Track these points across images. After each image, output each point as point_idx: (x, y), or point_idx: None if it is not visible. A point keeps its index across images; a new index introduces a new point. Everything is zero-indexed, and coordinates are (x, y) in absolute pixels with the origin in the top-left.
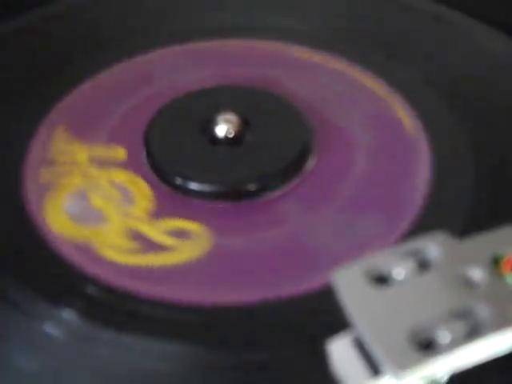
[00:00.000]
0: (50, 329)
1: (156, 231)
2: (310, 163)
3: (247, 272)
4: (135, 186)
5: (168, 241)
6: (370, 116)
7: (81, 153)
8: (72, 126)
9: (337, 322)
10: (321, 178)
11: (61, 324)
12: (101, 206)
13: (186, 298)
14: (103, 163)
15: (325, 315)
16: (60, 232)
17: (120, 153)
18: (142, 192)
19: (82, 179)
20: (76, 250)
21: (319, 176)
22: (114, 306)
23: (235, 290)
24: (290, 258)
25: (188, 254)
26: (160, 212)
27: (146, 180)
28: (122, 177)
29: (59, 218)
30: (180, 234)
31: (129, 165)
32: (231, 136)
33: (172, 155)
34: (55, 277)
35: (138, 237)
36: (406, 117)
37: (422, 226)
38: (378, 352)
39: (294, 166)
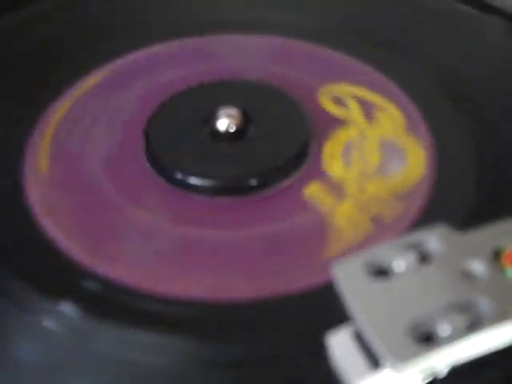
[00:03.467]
0: (49, 323)
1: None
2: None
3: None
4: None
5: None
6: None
7: None
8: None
9: (338, 317)
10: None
11: (60, 319)
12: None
13: None
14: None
15: (327, 310)
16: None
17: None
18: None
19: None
20: None
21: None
22: (114, 301)
23: None
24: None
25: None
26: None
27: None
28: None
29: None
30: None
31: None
32: (232, 130)
33: (172, 150)
34: (55, 272)
35: None
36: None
37: (424, 218)
38: (377, 345)
39: (294, 161)
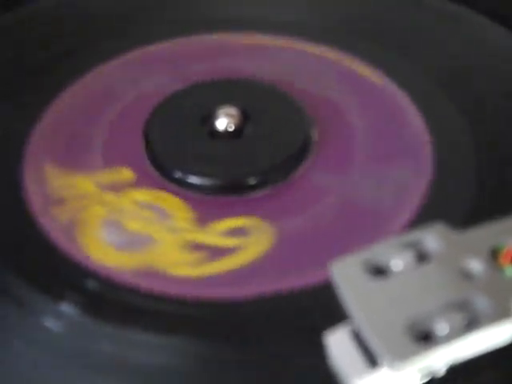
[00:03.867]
0: (50, 323)
1: (212, 236)
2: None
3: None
4: (163, 201)
5: (230, 242)
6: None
7: (84, 183)
8: (60, 158)
9: (337, 316)
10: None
11: (60, 318)
12: (140, 228)
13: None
14: (115, 188)
15: (327, 309)
16: (114, 264)
17: (126, 174)
18: (173, 204)
19: (105, 208)
20: (142, 277)
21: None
22: (114, 300)
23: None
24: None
25: (255, 249)
26: (205, 217)
27: (170, 192)
28: (144, 196)
29: (105, 252)
30: (239, 232)
31: (142, 183)
32: (231, 130)
33: (172, 149)
34: (55, 272)
35: (198, 247)
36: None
37: (423, 216)
38: (375, 343)
39: (294, 160)
